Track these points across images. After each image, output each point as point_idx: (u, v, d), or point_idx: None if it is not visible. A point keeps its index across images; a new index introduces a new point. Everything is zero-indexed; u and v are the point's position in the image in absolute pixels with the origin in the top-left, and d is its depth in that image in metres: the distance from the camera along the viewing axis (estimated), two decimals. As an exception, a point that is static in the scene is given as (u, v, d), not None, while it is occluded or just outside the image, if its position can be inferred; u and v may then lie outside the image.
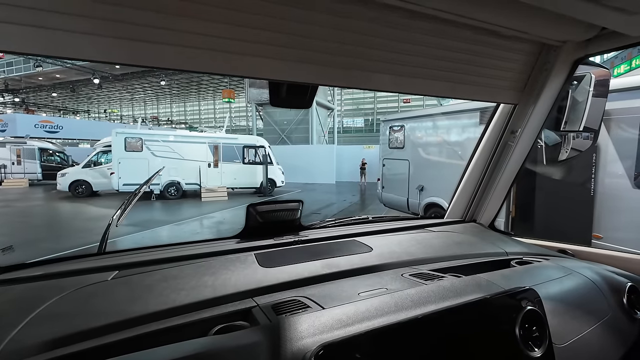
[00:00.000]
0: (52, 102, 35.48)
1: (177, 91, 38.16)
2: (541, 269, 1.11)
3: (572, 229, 3.51)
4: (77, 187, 12.82)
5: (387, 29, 1.08)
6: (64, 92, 30.70)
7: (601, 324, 0.98)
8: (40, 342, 0.66)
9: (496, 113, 1.67)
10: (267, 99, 1.15)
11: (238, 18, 0.86)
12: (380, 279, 1.02)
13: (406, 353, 0.66)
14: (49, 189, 15.13)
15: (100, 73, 24.53)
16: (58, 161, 18.47)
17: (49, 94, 31.79)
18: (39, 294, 0.85)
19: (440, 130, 6.06)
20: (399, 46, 1.14)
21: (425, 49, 1.20)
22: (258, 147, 14.06)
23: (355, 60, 1.07)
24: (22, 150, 17.51)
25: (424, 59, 1.22)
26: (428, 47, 1.20)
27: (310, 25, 0.95)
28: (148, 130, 14.35)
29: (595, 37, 1.26)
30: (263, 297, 0.90)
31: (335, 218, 1.72)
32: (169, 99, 42.77)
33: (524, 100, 1.54)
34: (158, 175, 11.01)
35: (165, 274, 0.99)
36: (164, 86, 30.53)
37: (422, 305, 0.76)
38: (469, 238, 1.54)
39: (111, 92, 35.89)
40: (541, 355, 0.75)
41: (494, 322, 0.77)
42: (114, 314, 0.76)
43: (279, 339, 0.64)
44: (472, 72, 1.34)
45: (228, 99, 25.98)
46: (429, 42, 1.19)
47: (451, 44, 1.22)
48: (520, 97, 1.54)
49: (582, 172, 3.44)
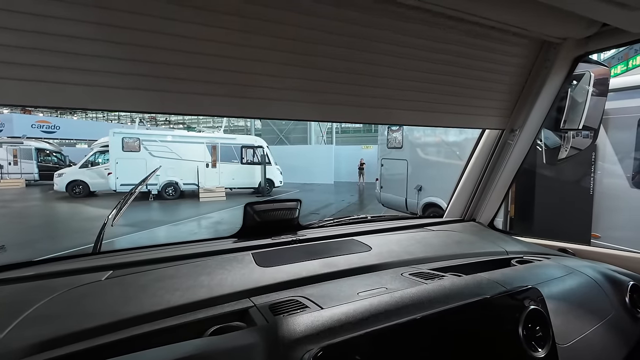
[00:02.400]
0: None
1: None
2: (542, 267, 1.10)
3: (571, 228, 3.50)
4: (74, 187, 12.75)
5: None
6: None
7: (604, 323, 0.97)
8: (28, 344, 0.64)
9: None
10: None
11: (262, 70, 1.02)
12: (379, 278, 1.00)
13: (407, 354, 0.64)
14: (46, 189, 15.03)
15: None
16: (55, 161, 18.35)
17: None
18: (29, 295, 0.82)
19: (438, 130, 6.05)
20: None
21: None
22: (256, 147, 14.02)
23: (346, 97, 1.18)
24: (19, 150, 17.38)
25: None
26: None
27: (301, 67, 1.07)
28: (146, 130, 14.30)
29: (596, 33, 1.25)
30: (260, 297, 0.88)
31: (334, 217, 1.70)
32: (167, 99, 42.50)
33: (524, 99, 1.53)
34: (155, 175, 10.97)
35: (161, 273, 0.97)
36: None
37: (423, 305, 0.74)
38: (468, 237, 1.53)
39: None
40: (545, 355, 0.74)
41: (497, 322, 0.75)
42: (107, 315, 0.74)
43: (276, 340, 0.62)
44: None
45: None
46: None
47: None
48: (519, 95, 1.53)
49: (582, 171, 3.43)
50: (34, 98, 0.80)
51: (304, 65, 1.06)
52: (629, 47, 11.46)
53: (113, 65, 0.85)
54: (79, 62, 0.81)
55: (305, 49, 1.04)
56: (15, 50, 0.76)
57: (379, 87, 1.22)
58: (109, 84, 0.86)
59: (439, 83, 1.32)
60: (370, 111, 1.26)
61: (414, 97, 1.31)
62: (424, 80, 1.29)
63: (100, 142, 13.68)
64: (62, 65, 0.80)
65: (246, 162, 13.88)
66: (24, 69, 0.78)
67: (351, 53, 1.11)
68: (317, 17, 1.01)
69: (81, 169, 13.03)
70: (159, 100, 0.94)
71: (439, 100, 1.37)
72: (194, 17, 0.88)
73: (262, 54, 0.99)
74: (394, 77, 1.23)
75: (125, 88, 0.88)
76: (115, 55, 0.84)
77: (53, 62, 0.79)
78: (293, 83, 1.08)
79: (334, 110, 1.19)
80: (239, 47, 0.96)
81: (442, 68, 1.29)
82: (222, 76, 0.98)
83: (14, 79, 0.77)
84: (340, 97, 1.17)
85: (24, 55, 0.77)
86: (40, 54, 0.78)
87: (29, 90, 0.79)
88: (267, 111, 1.10)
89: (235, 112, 1.06)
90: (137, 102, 0.92)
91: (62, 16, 0.77)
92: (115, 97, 0.88)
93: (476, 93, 1.43)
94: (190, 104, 0.98)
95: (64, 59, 0.80)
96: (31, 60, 0.77)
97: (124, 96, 0.89)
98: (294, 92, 1.10)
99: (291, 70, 1.06)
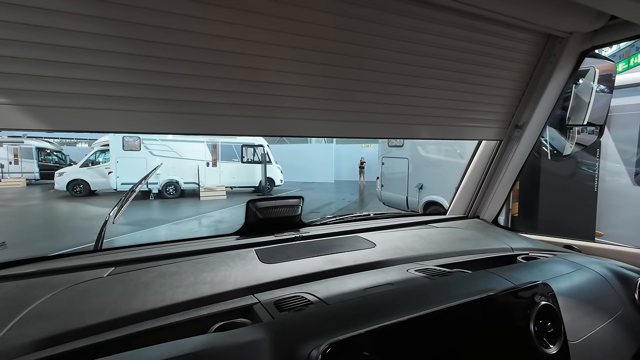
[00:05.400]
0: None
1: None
2: (550, 264, 1.09)
3: (575, 225, 3.48)
4: (74, 186, 12.73)
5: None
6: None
7: (613, 319, 0.95)
8: (30, 341, 0.63)
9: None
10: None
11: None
12: (385, 274, 0.99)
13: (417, 350, 0.63)
14: (46, 188, 15.02)
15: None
16: (55, 160, 18.35)
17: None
18: (29, 291, 0.81)
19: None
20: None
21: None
22: (257, 146, 14.01)
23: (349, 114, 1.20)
24: (20, 149, 17.37)
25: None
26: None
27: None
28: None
29: (603, 27, 1.24)
30: (264, 293, 0.87)
31: (336, 215, 1.69)
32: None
33: (528, 94, 1.52)
34: (156, 174, 10.96)
35: (163, 270, 0.96)
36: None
37: (431, 300, 0.73)
38: (472, 234, 1.51)
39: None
40: (557, 352, 0.73)
41: (507, 318, 0.74)
42: (109, 312, 0.73)
43: (283, 336, 0.61)
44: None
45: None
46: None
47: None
48: (524, 91, 1.52)
49: (586, 168, 3.41)
50: (56, 123, 0.85)
51: (310, 84, 1.11)
52: (630, 45, 11.43)
53: (135, 91, 0.91)
54: (109, 90, 0.87)
55: (310, 69, 1.08)
56: (35, 80, 0.80)
57: (385, 104, 1.25)
58: (136, 108, 0.92)
59: (441, 88, 1.32)
60: (375, 125, 1.28)
61: (420, 103, 1.32)
62: (427, 85, 1.29)
63: (101, 141, 13.67)
64: (92, 93, 0.86)
65: (247, 161, 13.87)
66: (52, 97, 0.82)
67: (356, 63, 1.13)
68: (322, 26, 1.03)
69: (82, 168, 13.01)
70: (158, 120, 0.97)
71: (442, 106, 1.36)
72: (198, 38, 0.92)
73: (284, 75, 1.05)
74: (402, 84, 1.24)
75: (148, 111, 0.94)
76: (138, 81, 0.90)
77: (91, 90, 0.86)
78: (296, 96, 1.12)
79: (335, 127, 1.21)
80: (258, 69, 1.01)
81: (447, 64, 1.27)
82: (244, 98, 1.03)
83: (34, 105, 0.81)
84: (344, 113, 1.20)
85: (52, 85, 0.81)
86: (71, 82, 0.83)
87: (50, 117, 0.84)
88: (289, 129, 1.15)
89: (255, 131, 1.11)
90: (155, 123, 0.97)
91: (89, 47, 0.82)
92: (146, 121, 0.94)
93: (481, 89, 1.42)
94: (208, 123, 1.01)
95: (93, 86, 0.86)
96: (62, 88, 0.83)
97: (154, 120, 0.95)
98: (304, 111, 1.14)
99: (294, 78, 1.08)
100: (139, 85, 0.90)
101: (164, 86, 0.93)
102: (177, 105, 0.95)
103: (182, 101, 0.95)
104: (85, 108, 0.86)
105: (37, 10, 0.75)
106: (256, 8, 0.92)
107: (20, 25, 0.74)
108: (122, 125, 0.92)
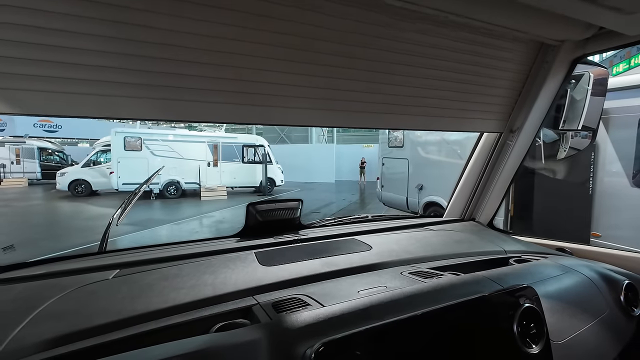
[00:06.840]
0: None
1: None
2: (539, 267, 1.12)
3: (570, 227, 3.51)
4: (76, 186, 12.78)
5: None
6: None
7: (598, 321, 0.99)
8: (41, 340, 0.67)
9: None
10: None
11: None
12: (379, 277, 1.02)
13: (406, 350, 0.67)
14: (48, 188, 15.08)
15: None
16: (57, 160, 18.40)
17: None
18: (39, 293, 0.85)
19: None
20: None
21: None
22: (257, 146, 14.04)
23: (345, 103, 1.21)
24: (21, 149, 17.44)
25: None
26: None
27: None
28: (147, 129, 14.34)
29: (593, 36, 1.27)
30: (263, 295, 0.90)
31: (335, 217, 1.72)
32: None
33: (522, 100, 1.55)
34: (158, 175, 11.00)
35: (166, 272, 1.00)
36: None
37: (421, 302, 0.76)
38: (467, 236, 1.55)
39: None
40: (539, 351, 0.76)
41: (493, 319, 0.77)
42: (115, 313, 0.77)
43: (279, 336, 0.65)
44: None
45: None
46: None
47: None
48: (518, 96, 1.55)
49: (581, 171, 3.44)
50: (50, 108, 0.84)
51: (307, 72, 1.11)
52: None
53: (122, 76, 0.89)
54: (90, 74, 0.85)
55: (308, 57, 1.08)
56: (32, 63, 0.79)
57: (379, 94, 1.25)
58: (119, 93, 0.90)
59: (439, 88, 1.35)
60: (372, 116, 1.29)
61: (415, 103, 1.34)
62: (425, 86, 1.32)
63: (102, 141, 13.71)
64: (76, 77, 0.84)
65: (247, 161, 13.91)
66: (40, 80, 0.81)
67: (352, 62, 1.14)
68: (323, 29, 1.05)
69: (83, 168, 13.05)
70: (162, 107, 0.97)
71: (439, 105, 1.39)
72: (197, 27, 0.91)
73: (269, 61, 1.03)
74: (393, 84, 1.26)
75: (135, 97, 0.92)
76: (125, 66, 0.88)
77: (70, 74, 0.83)
78: (297, 89, 1.12)
79: (333, 116, 1.23)
80: (246, 56, 1.00)
81: (442, 73, 1.31)
82: (231, 85, 1.02)
83: (31, 90, 0.81)
84: (341, 103, 1.20)
85: (40, 68, 0.80)
86: (58, 66, 0.82)
87: (45, 101, 0.83)
88: (273, 117, 1.14)
89: (247, 118, 1.10)
90: (144, 109, 0.96)
91: (73, 30, 0.81)
92: (126, 105, 0.92)
93: (475, 97, 1.45)
94: (197, 110, 1.01)
95: (77, 70, 0.84)
96: (48, 72, 0.81)
97: (133, 105, 0.93)
98: (298, 99, 1.13)
99: (294, 78, 1.10)
100: (119, 69, 0.87)
101: (147, 71, 0.89)
102: (160, 90, 0.93)
103: (166, 87, 0.93)
104: (62, 92, 0.83)
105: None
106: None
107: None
108: (100, 111, 0.88)
